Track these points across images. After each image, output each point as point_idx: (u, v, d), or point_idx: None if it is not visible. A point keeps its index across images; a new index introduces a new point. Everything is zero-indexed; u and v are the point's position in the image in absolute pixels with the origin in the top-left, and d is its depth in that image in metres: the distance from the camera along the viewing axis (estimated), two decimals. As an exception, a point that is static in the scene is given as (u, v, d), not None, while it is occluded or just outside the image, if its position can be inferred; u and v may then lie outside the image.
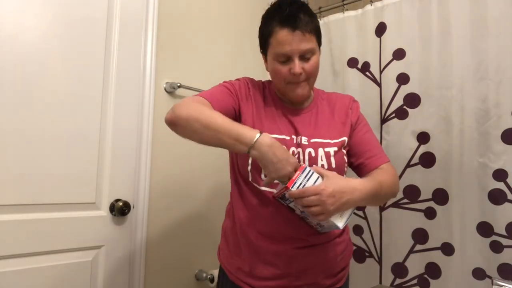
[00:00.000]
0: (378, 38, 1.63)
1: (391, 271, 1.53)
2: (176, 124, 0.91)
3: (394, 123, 1.55)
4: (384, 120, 1.59)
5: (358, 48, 1.70)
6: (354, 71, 1.70)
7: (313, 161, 0.98)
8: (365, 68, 1.67)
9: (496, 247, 1.31)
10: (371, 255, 1.61)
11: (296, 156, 0.98)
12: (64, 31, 1.26)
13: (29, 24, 1.19)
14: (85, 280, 1.28)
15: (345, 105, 1.10)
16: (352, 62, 1.71)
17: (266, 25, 1.00)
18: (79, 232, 1.27)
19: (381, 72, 1.62)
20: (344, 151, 1.04)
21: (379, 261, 1.58)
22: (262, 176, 0.98)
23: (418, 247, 1.48)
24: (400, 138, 1.53)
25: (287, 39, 0.94)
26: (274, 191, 0.94)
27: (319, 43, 1.02)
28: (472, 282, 1.35)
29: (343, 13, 1.76)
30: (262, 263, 0.99)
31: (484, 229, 1.34)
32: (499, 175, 1.32)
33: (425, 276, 1.46)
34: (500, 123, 1.32)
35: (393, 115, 1.56)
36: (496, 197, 1.31)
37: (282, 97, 1.08)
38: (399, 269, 1.52)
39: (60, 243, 1.23)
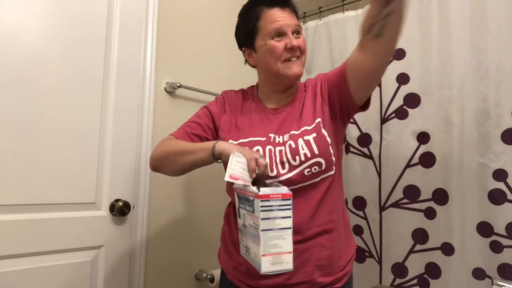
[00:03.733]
0: (378, 38, 1.63)
1: (391, 271, 1.53)
2: (156, 166, 1.05)
3: (394, 123, 1.55)
4: (384, 120, 1.59)
5: (358, 48, 1.70)
6: (354, 71, 1.70)
7: (294, 152, 0.96)
8: (365, 68, 1.66)
9: (496, 247, 1.31)
10: (371, 255, 1.61)
11: (268, 153, 0.98)
12: (64, 31, 1.26)
13: (29, 24, 1.19)
14: (85, 280, 1.28)
15: (314, 84, 1.08)
16: (352, 62, 1.71)
17: (251, 13, 1.02)
18: (79, 232, 1.27)
19: (381, 72, 1.62)
20: (325, 133, 0.99)
21: (379, 261, 1.58)
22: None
23: (418, 247, 1.48)
24: (400, 138, 1.53)
25: (280, 15, 0.98)
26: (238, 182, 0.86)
27: None
28: (472, 282, 1.35)
29: (343, 13, 1.76)
30: None
31: (484, 229, 1.34)
32: (499, 175, 1.32)
33: (425, 276, 1.46)
34: (500, 123, 1.32)
35: (393, 115, 1.56)
36: (496, 197, 1.31)
37: (265, 99, 1.10)
38: (399, 269, 1.52)
39: (60, 243, 1.23)
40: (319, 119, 1.01)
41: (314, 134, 0.98)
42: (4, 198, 1.12)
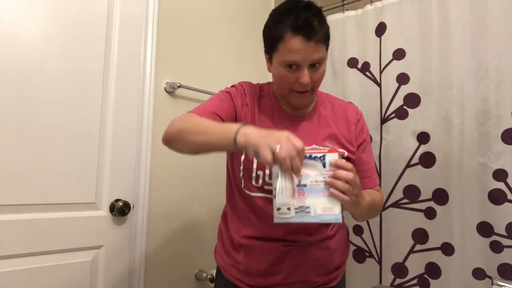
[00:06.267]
0: (378, 38, 1.63)
1: (391, 271, 1.53)
2: (169, 140, 0.92)
3: (394, 123, 1.55)
4: (384, 120, 1.59)
5: (358, 48, 1.70)
6: (354, 71, 1.70)
7: None
8: (365, 68, 1.67)
9: (496, 247, 1.31)
10: (371, 255, 1.61)
11: None
12: (64, 31, 1.26)
13: (30, 24, 1.19)
14: (85, 280, 1.28)
15: (348, 118, 1.06)
16: (352, 62, 1.71)
17: (276, 28, 0.91)
18: (79, 232, 1.27)
19: (381, 72, 1.62)
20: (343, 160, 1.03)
21: (379, 261, 1.57)
22: (253, 182, 0.99)
23: (418, 247, 1.48)
24: (400, 138, 1.53)
25: (300, 48, 0.88)
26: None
27: (327, 48, 0.97)
28: (472, 282, 1.35)
29: (343, 13, 1.76)
30: (254, 261, 1.01)
31: (484, 229, 1.34)
32: (499, 175, 1.32)
33: (425, 276, 1.46)
34: (500, 123, 1.32)
35: (393, 115, 1.56)
36: (496, 197, 1.31)
37: (282, 100, 1.05)
38: (399, 269, 1.52)
39: (60, 243, 1.23)
40: (344, 151, 1.01)
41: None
42: (4, 198, 1.12)
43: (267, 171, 0.96)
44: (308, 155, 0.80)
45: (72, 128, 1.27)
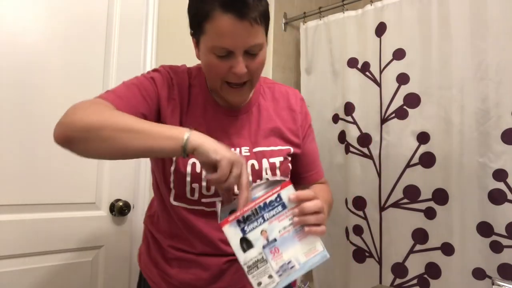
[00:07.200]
0: (378, 38, 1.63)
1: (391, 271, 1.53)
2: (71, 139, 0.68)
3: (394, 123, 1.55)
4: (384, 120, 1.59)
5: (358, 48, 1.70)
6: (354, 71, 1.70)
7: (257, 174, 0.83)
8: (365, 68, 1.67)
9: (496, 247, 1.31)
10: (371, 255, 1.61)
11: None
12: (64, 31, 1.26)
13: (29, 24, 1.19)
14: (85, 280, 1.28)
15: (292, 106, 0.92)
16: (352, 62, 1.71)
17: (202, 3, 0.73)
18: (79, 232, 1.27)
19: (381, 72, 1.62)
20: (289, 158, 0.90)
21: (379, 261, 1.58)
22: (188, 195, 0.82)
23: (418, 247, 1.48)
24: (400, 138, 1.53)
25: (231, 30, 0.70)
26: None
27: (267, 32, 0.78)
28: (472, 282, 1.35)
29: (343, 13, 1.77)
30: (193, 277, 0.88)
31: (484, 229, 1.34)
32: (499, 175, 1.32)
33: (425, 276, 1.46)
34: (500, 123, 1.32)
35: (393, 115, 1.56)
36: (496, 197, 1.32)
37: (215, 93, 0.86)
38: (399, 269, 1.52)
39: (60, 243, 1.23)
40: (290, 147, 0.89)
41: (281, 159, 0.86)
42: (4, 198, 1.12)
43: (203, 183, 0.81)
44: (261, 204, 0.65)
45: (72, 128, 1.27)
